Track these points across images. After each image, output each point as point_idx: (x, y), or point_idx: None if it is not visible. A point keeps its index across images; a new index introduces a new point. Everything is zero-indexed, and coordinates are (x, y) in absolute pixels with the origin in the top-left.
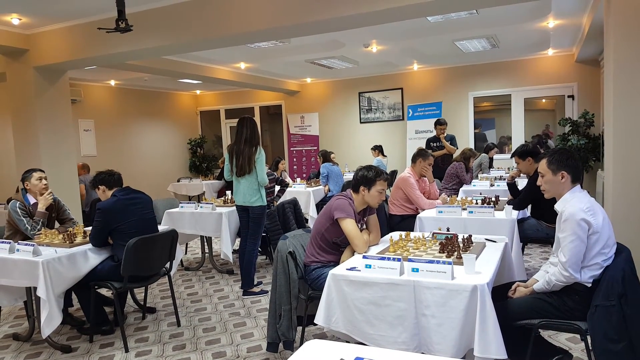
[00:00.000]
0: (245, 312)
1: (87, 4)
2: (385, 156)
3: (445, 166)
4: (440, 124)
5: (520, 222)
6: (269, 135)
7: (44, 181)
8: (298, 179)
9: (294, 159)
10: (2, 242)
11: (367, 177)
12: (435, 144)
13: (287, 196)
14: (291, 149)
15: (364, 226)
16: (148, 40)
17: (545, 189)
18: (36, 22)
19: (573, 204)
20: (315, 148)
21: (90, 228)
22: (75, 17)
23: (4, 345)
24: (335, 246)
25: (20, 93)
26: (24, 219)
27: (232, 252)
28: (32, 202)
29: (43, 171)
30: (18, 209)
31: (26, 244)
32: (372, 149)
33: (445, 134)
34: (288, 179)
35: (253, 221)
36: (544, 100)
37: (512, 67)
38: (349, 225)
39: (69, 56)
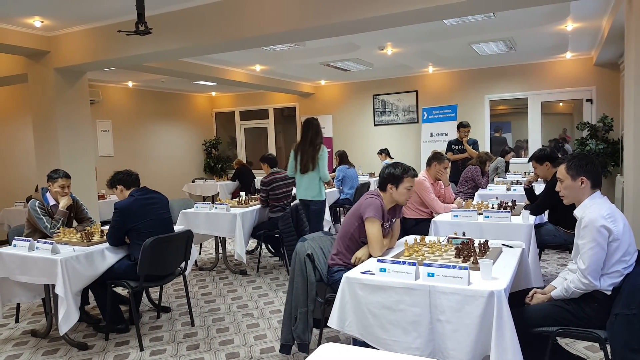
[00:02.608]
0: (259, 313)
1: (107, 6)
2: (392, 158)
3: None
4: (463, 126)
5: (538, 227)
6: (282, 137)
7: (66, 189)
8: None
9: None
10: (22, 240)
11: (394, 174)
12: (457, 147)
13: None
14: None
15: (389, 227)
16: (166, 43)
17: (565, 194)
18: (57, 24)
19: (593, 210)
20: (329, 150)
21: (107, 227)
22: (96, 20)
23: (23, 342)
24: (363, 246)
25: (41, 94)
26: (43, 217)
27: (246, 253)
28: (51, 203)
29: (69, 177)
30: (37, 208)
31: (45, 242)
32: (378, 153)
33: (469, 138)
34: None
35: (313, 215)
36: (561, 104)
37: (529, 70)
38: (373, 227)
39: (89, 58)
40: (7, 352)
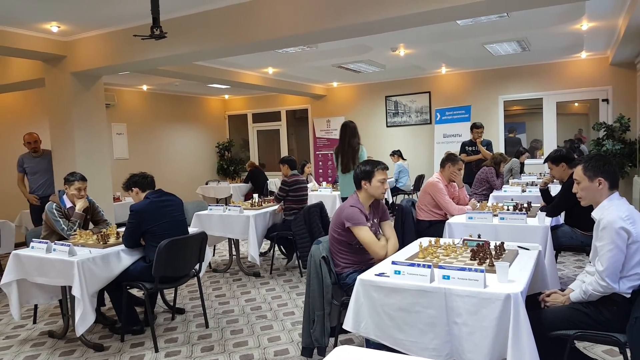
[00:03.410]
0: (272, 315)
1: (122, 11)
2: (405, 159)
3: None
4: (476, 127)
5: (554, 229)
6: (295, 139)
7: (82, 192)
8: (324, 183)
9: (320, 163)
10: (40, 242)
11: (365, 170)
12: (470, 148)
13: (312, 200)
14: (317, 152)
15: (378, 229)
16: (180, 47)
17: (582, 196)
18: (74, 29)
19: (611, 212)
20: None
21: (123, 229)
22: (111, 24)
23: (40, 342)
24: (355, 246)
25: (58, 98)
26: (60, 219)
27: (259, 255)
28: (68, 206)
29: (85, 180)
30: (54, 210)
31: (62, 244)
32: (390, 155)
33: (483, 139)
34: (313, 182)
35: None
36: (576, 104)
37: (543, 71)
38: (363, 233)
39: (105, 62)
40: (25, 352)
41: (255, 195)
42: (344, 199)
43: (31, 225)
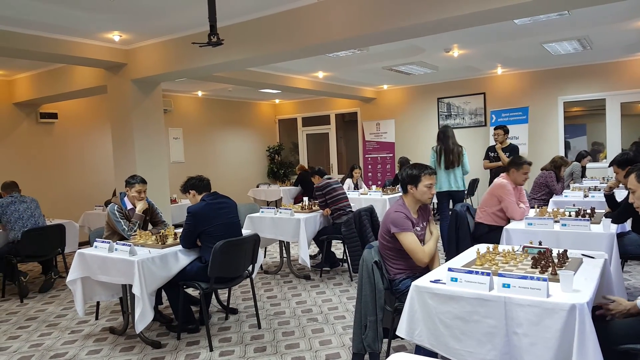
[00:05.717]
0: (323, 318)
1: (180, 20)
2: None
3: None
4: (495, 129)
5: (620, 236)
6: (344, 143)
7: (142, 194)
8: (374, 187)
9: (369, 166)
10: (103, 242)
11: (412, 175)
12: (493, 154)
13: (363, 203)
14: (366, 156)
15: (423, 231)
16: (235, 53)
17: (639, 205)
18: (134, 38)
19: None
20: (391, 155)
21: (180, 230)
22: (170, 33)
23: (102, 338)
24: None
25: (119, 104)
26: (121, 220)
27: (310, 258)
28: (128, 207)
29: (145, 183)
30: (116, 212)
31: (123, 244)
32: None
33: (509, 143)
34: (363, 187)
35: (459, 201)
36: None
37: (606, 70)
38: (407, 239)
39: (163, 69)
40: (89, 347)
41: (306, 199)
42: (444, 193)
43: (94, 226)
